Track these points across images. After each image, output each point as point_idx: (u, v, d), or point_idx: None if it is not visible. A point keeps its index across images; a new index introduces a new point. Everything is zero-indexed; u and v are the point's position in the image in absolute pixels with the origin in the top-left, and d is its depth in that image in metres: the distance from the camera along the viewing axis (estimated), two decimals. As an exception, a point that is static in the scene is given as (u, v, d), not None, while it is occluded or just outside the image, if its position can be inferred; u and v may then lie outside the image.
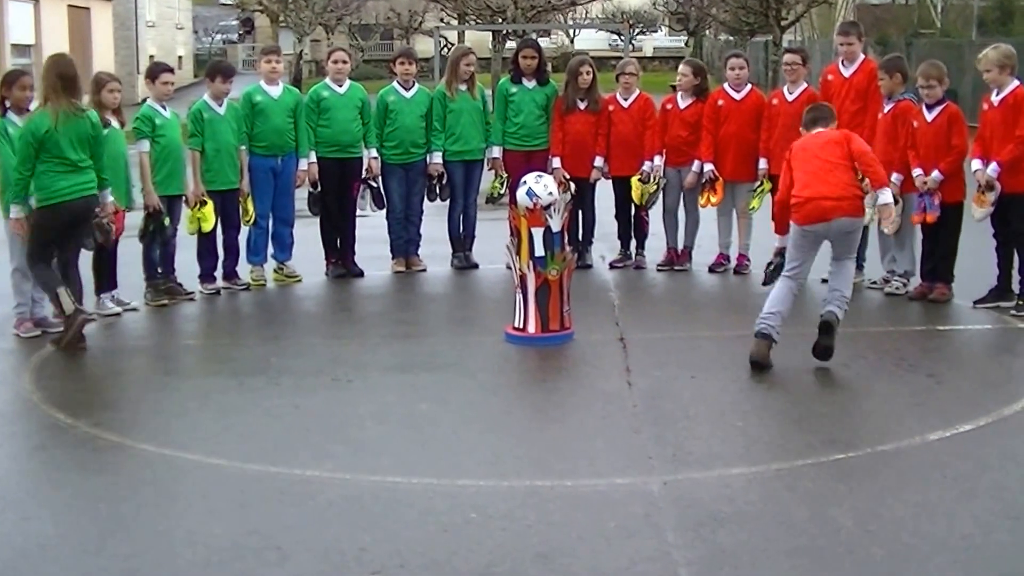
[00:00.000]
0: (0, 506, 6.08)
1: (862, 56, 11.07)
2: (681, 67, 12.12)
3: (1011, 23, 41.49)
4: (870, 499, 5.99)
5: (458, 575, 5.17)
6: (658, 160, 11.69)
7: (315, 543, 5.51)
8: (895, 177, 10.31)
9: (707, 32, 64.32)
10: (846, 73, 10.97)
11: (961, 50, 29.42)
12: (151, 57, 46.44)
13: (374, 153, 11.73)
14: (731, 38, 57.46)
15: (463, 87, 11.85)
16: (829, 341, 8.45)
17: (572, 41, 65.03)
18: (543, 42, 51.27)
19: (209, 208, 10.78)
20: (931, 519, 5.74)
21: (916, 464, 6.54)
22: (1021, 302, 9.83)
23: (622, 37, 39.98)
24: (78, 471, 6.59)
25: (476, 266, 12.12)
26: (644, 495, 6.06)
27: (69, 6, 40.33)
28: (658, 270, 11.91)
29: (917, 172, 10.18)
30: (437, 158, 11.81)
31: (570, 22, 58.23)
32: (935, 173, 10.02)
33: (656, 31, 70.91)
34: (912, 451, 6.72)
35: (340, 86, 11.67)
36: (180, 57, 56.98)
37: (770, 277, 8.93)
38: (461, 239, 12.20)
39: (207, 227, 10.82)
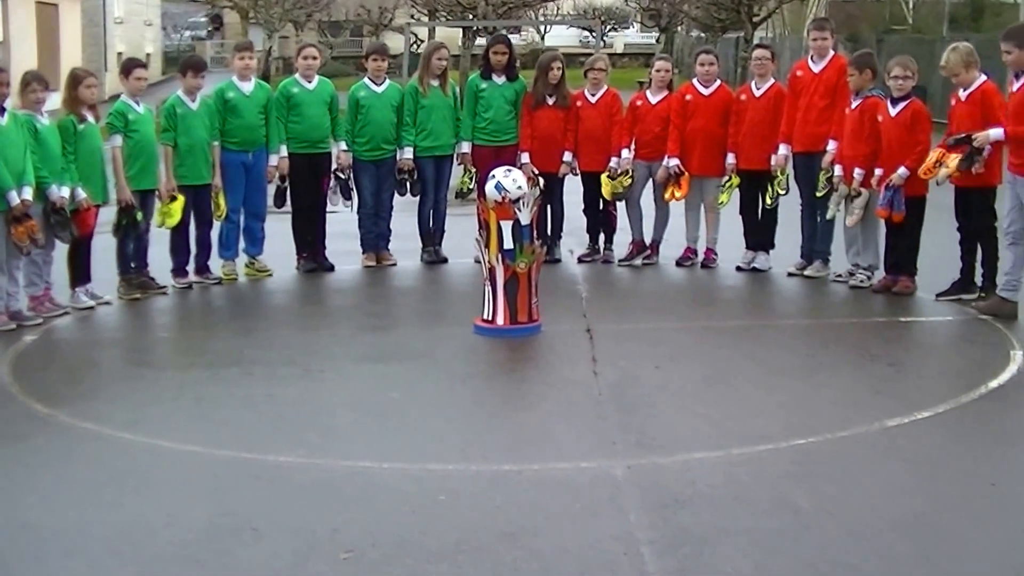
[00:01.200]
0: (-19, 492, 6.21)
1: (832, 52, 11.25)
2: (659, 62, 12.29)
3: (981, 19, 41.77)
4: (828, 482, 6.16)
5: (428, 553, 5.32)
6: (626, 154, 11.82)
7: (290, 524, 5.67)
8: (858, 173, 10.50)
9: (679, 28, 64.48)
10: (816, 69, 11.12)
11: (932, 46, 29.61)
12: (119, 54, 46.26)
13: (343, 146, 11.85)
14: (702, 34, 57.59)
15: (435, 82, 11.96)
16: None
17: (543, 38, 65.11)
18: (514, 39, 51.22)
19: (178, 204, 10.84)
20: (887, 500, 5.93)
21: (874, 449, 6.71)
22: (983, 294, 10.02)
23: (593, 34, 40.16)
24: (58, 459, 6.70)
25: (445, 260, 12.23)
26: (608, 478, 6.22)
27: (37, 3, 40.16)
28: (619, 265, 12.05)
29: (878, 172, 10.40)
30: (408, 153, 11.91)
31: (541, 18, 58.27)
32: (901, 170, 10.16)
33: (628, 27, 71.02)
34: (871, 436, 6.89)
35: (309, 82, 11.76)
36: (148, 54, 56.66)
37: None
38: (431, 234, 12.31)
39: (171, 222, 10.87)
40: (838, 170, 10.72)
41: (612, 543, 5.41)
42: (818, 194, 10.94)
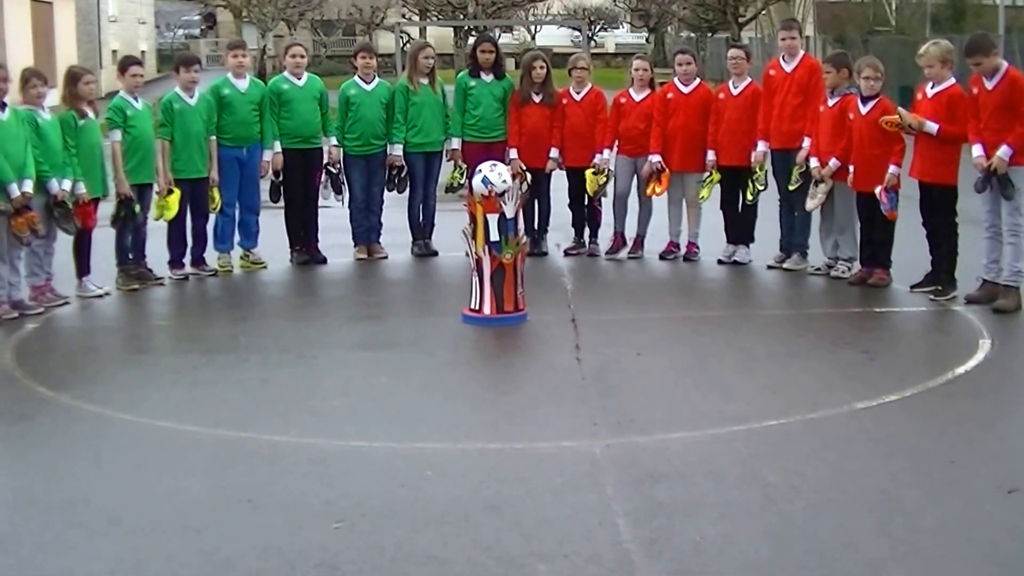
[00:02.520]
0: (-11, 467, 6.51)
1: (803, 52, 11.57)
2: (637, 61, 12.57)
3: (963, 21, 42.04)
4: (796, 460, 6.47)
5: (415, 523, 5.62)
6: (607, 153, 12.12)
7: (284, 497, 5.97)
8: (833, 163, 10.79)
9: (668, 29, 64.70)
10: (787, 68, 11.42)
11: (915, 47, 29.84)
12: (114, 52, 46.43)
13: (334, 141, 12.11)
14: (691, 35, 57.89)
15: (424, 80, 12.24)
16: None
17: (534, 38, 65.32)
18: (505, 38, 51.38)
19: (174, 197, 11.09)
20: (851, 476, 6.24)
21: (842, 430, 7.02)
22: (940, 287, 10.29)
23: (583, 33, 40.52)
24: (61, 437, 6.98)
25: (435, 253, 12.47)
26: (588, 456, 6.52)
27: (32, 2, 40.34)
28: (606, 257, 12.30)
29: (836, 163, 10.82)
30: (397, 150, 12.17)
31: (531, 18, 58.50)
32: (892, 168, 10.44)
33: (617, 27, 71.19)
34: (840, 418, 7.20)
35: (299, 79, 12.03)
36: (143, 52, 56.60)
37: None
38: (421, 227, 12.55)
39: (169, 215, 11.12)
40: (814, 162, 10.99)
41: (589, 515, 5.71)
42: (790, 187, 11.23)
